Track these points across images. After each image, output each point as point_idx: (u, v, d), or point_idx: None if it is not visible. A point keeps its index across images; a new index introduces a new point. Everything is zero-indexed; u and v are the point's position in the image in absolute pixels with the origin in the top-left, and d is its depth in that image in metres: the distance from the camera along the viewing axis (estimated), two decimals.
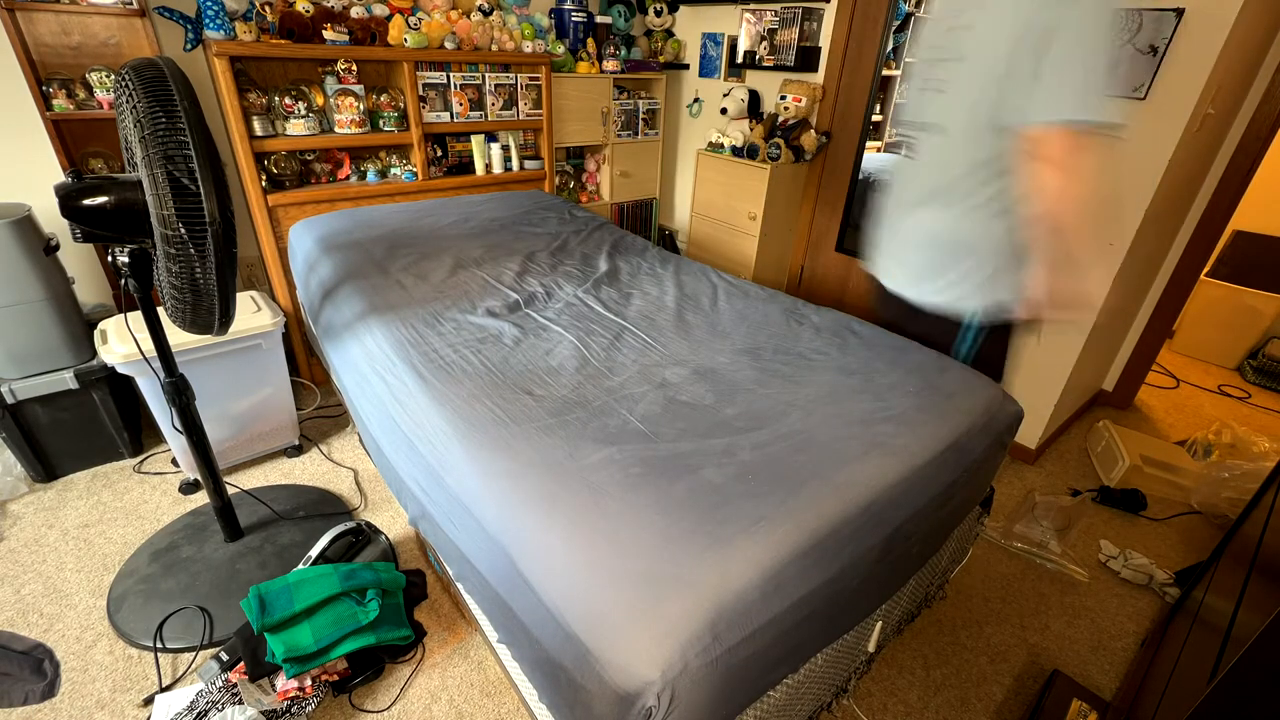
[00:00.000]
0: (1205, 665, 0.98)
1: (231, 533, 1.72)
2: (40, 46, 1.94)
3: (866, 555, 1.06)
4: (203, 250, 1.12)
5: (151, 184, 1.07)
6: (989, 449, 1.35)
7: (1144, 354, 2.65)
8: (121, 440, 2.05)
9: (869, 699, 1.45)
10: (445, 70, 2.46)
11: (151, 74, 1.08)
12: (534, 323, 1.67)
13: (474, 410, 1.25)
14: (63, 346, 1.86)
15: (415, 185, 2.53)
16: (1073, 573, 1.83)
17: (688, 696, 0.82)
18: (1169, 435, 2.61)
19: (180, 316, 1.25)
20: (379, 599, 1.41)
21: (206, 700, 1.28)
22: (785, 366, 1.47)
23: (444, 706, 1.39)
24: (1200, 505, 2.11)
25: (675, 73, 3.44)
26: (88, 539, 1.77)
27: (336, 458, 2.18)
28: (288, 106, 2.20)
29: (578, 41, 2.99)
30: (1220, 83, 1.76)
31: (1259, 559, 1.12)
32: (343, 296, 1.79)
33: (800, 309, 1.80)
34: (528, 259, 2.07)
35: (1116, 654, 1.60)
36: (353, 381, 1.59)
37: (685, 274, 2.04)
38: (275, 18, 2.10)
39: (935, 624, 1.65)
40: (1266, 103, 2.10)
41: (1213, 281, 3.18)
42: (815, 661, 1.11)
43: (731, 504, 1.01)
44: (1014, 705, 1.45)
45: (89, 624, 1.53)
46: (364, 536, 1.70)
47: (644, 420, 1.24)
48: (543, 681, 0.99)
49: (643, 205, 3.52)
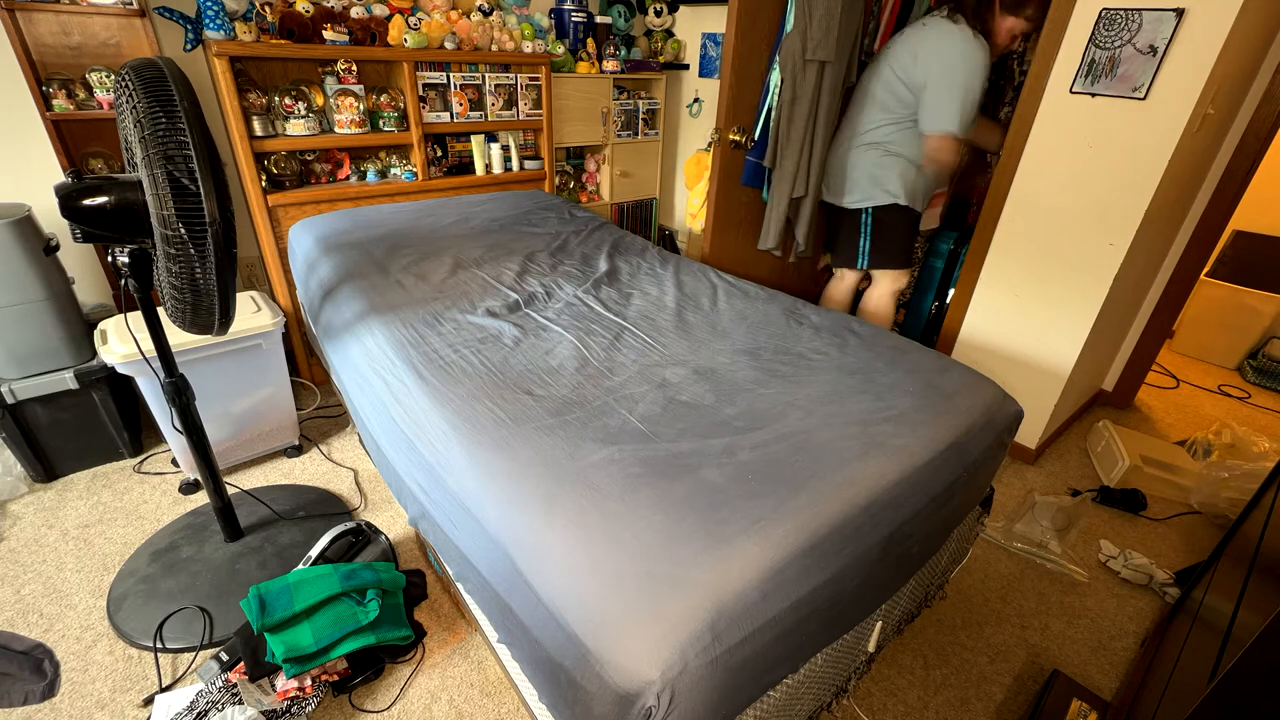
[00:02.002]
0: (1205, 665, 0.98)
1: (231, 533, 1.72)
2: (40, 46, 1.94)
3: (866, 555, 1.06)
4: (203, 250, 1.12)
5: (151, 184, 1.07)
6: (989, 449, 1.35)
7: (1144, 354, 2.65)
8: (121, 440, 2.05)
9: (869, 699, 1.45)
10: (445, 70, 2.46)
11: (151, 74, 1.08)
12: (534, 323, 1.67)
13: (474, 410, 1.25)
14: (63, 346, 1.86)
15: (415, 185, 2.53)
16: (1073, 573, 1.83)
17: (688, 696, 0.82)
18: (1169, 435, 2.61)
19: (180, 317, 1.25)
20: (379, 599, 1.41)
21: (206, 700, 1.28)
22: (785, 366, 1.47)
23: (444, 706, 1.39)
24: (1200, 505, 2.11)
25: (675, 73, 3.44)
26: (88, 539, 1.77)
27: (336, 458, 2.18)
28: (288, 106, 2.20)
29: (578, 41, 2.99)
30: (1220, 83, 1.76)
31: (1259, 559, 1.12)
32: (343, 296, 1.79)
33: (800, 309, 1.80)
34: (528, 259, 2.07)
35: (1116, 654, 1.60)
36: (353, 381, 1.59)
37: (685, 274, 2.04)
38: (275, 18, 2.10)
39: (935, 624, 1.65)
40: (1266, 103, 2.10)
41: (1213, 281, 3.18)
42: (815, 661, 1.11)
43: (731, 504, 1.01)
44: (1014, 705, 1.45)
45: (89, 624, 1.53)
46: (364, 537, 1.70)
47: (644, 420, 1.24)
48: (543, 681, 0.99)
49: (643, 205, 3.52)
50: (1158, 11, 1.67)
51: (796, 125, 2.26)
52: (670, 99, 3.50)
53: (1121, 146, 1.82)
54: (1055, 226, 2.02)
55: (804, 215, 2.47)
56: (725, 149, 2.37)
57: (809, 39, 2.12)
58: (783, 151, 2.32)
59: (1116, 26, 1.74)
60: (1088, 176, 1.91)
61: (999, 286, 2.22)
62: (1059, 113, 1.91)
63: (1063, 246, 2.02)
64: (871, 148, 2.24)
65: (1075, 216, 1.97)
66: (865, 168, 2.27)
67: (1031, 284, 2.13)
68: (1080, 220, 1.96)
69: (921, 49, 2.06)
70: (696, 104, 3.43)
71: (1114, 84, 1.78)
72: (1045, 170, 1.99)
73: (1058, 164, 1.96)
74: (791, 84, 2.20)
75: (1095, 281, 1.98)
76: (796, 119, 2.25)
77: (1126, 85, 1.77)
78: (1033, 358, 2.21)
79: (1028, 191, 2.05)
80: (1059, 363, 2.15)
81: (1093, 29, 1.78)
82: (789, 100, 2.23)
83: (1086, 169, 1.91)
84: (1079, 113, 1.87)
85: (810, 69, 2.17)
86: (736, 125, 2.35)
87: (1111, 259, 1.93)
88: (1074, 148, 1.91)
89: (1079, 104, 1.87)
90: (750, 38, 2.21)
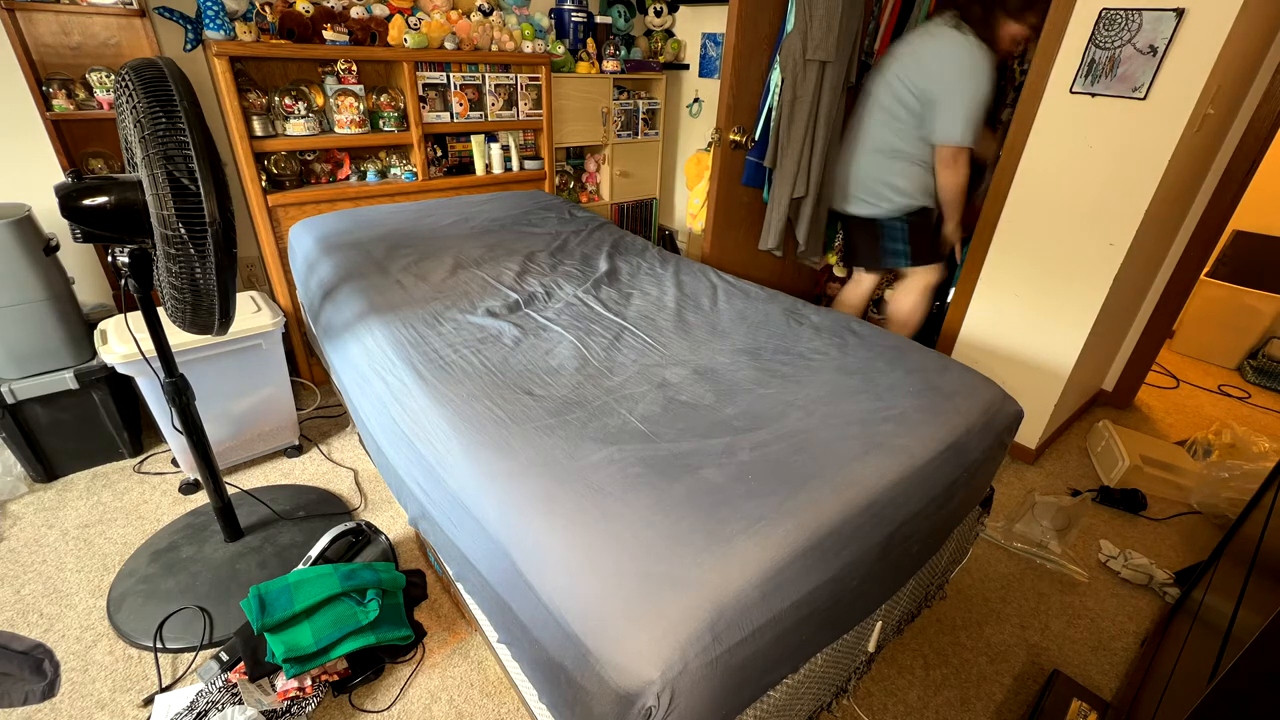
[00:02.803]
0: (1205, 665, 0.98)
1: (231, 533, 1.72)
2: (40, 46, 1.94)
3: (866, 555, 1.06)
4: (203, 250, 1.12)
5: (151, 184, 1.07)
6: (989, 449, 1.35)
7: (1144, 354, 2.65)
8: (121, 440, 2.05)
9: (869, 699, 1.45)
10: (445, 70, 2.46)
11: (151, 74, 1.08)
12: (534, 323, 1.67)
13: (474, 410, 1.25)
14: (63, 346, 1.86)
15: (415, 185, 2.53)
16: (1073, 573, 1.83)
17: (688, 696, 0.82)
18: (1169, 435, 2.61)
19: (180, 317, 1.25)
20: (379, 599, 1.41)
21: (206, 700, 1.28)
22: (785, 366, 1.47)
23: (444, 706, 1.39)
24: (1200, 505, 2.11)
25: (675, 73, 3.44)
26: (88, 539, 1.77)
27: (336, 458, 2.18)
28: (288, 106, 2.20)
29: (578, 41, 2.99)
30: (1220, 83, 1.76)
31: (1259, 559, 1.12)
32: (343, 296, 1.79)
33: (800, 309, 1.80)
34: (528, 259, 2.07)
35: (1116, 654, 1.60)
36: (353, 381, 1.59)
37: (685, 274, 2.04)
38: (275, 18, 2.10)
39: (935, 624, 1.65)
40: (1266, 103, 2.10)
41: (1213, 281, 3.18)
42: (815, 661, 1.11)
43: (731, 504, 1.01)
44: (1014, 705, 1.45)
45: (89, 624, 1.53)
46: (364, 537, 1.70)
47: (644, 420, 1.24)
48: (543, 681, 0.99)
49: (643, 205, 3.52)
50: (1158, 11, 1.67)
51: (797, 125, 2.26)
52: (670, 99, 3.50)
53: (1121, 146, 1.82)
54: (1055, 226, 2.02)
55: (805, 215, 2.47)
56: (725, 149, 2.37)
57: (810, 39, 2.12)
58: (783, 152, 2.32)
59: (1116, 26, 1.74)
60: (1088, 176, 1.91)
61: (999, 286, 2.22)
62: (1059, 113, 1.91)
63: (1063, 246, 2.02)
64: (892, 156, 2.20)
65: (1075, 216, 1.97)
66: (885, 177, 2.23)
67: (1031, 284, 2.13)
68: (1080, 220, 1.96)
69: (930, 60, 2.03)
70: (696, 104, 3.43)
71: (1114, 84, 1.78)
72: (1045, 170, 1.99)
73: (1058, 164, 1.96)
74: (792, 84, 2.20)
75: (1095, 281, 1.98)
76: (797, 119, 2.25)
77: (1126, 85, 1.77)
78: (1033, 358, 2.21)
79: (1028, 191, 2.05)
80: (1059, 363, 2.15)
81: (1093, 29, 1.78)
82: (789, 100, 2.23)
83: (1086, 169, 1.91)
84: (1079, 113, 1.87)
85: (811, 69, 2.17)
86: (736, 125, 2.35)
87: (1111, 259, 1.93)
88: (1074, 148, 1.91)
89: (1079, 104, 1.87)
90: (750, 38, 2.21)
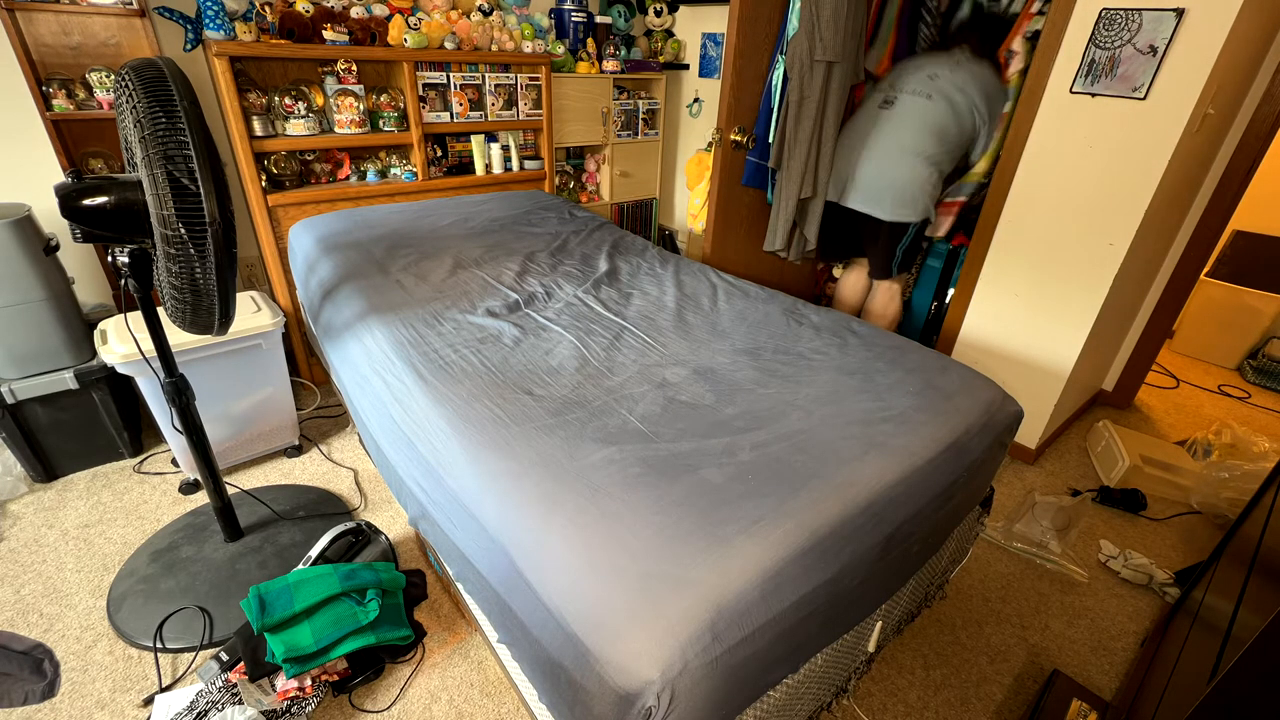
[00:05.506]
0: (1205, 665, 0.98)
1: (231, 533, 1.72)
2: (40, 46, 1.94)
3: (866, 555, 1.06)
4: (203, 250, 1.12)
5: (151, 184, 1.07)
6: (989, 449, 1.35)
7: (1144, 354, 2.65)
8: (121, 440, 2.05)
9: (869, 699, 1.45)
10: (445, 70, 2.46)
11: (151, 74, 1.08)
12: (534, 323, 1.67)
13: (474, 410, 1.25)
14: (63, 346, 1.86)
15: (415, 185, 2.53)
16: (1073, 573, 1.83)
17: (687, 696, 0.82)
18: (1169, 435, 2.61)
19: (180, 317, 1.25)
20: (379, 599, 1.41)
21: (206, 700, 1.28)
22: (785, 366, 1.47)
23: (444, 706, 1.39)
24: (1200, 505, 2.11)
25: (675, 73, 3.45)
26: (87, 539, 1.77)
27: (336, 458, 2.18)
28: (288, 106, 2.20)
29: (578, 41, 2.99)
30: (1220, 83, 1.76)
31: (1259, 559, 1.12)
32: (343, 296, 1.79)
33: (800, 309, 1.80)
34: (528, 259, 2.07)
35: (1116, 654, 1.60)
36: (353, 381, 1.59)
37: (685, 274, 2.04)
38: (275, 18, 2.10)
39: (935, 624, 1.65)
40: (1266, 103, 2.10)
41: (1213, 281, 3.18)
42: (815, 661, 1.11)
43: (731, 504, 1.01)
44: (1014, 705, 1.45)
45: (89, 624, 1.53)
46: (364, 536, 1.70)
47: (644, 420, 1.24)
48: (543, 681, 0.99)
49: (643, 205, 3.52)
50: (1158, 11, 1.67)
51: (804, 125, 2.26)
52: (670, 99, 3.50)
53: (1121, 146, 1.82)
54: (1055, 226, 2.02)
55: (812, 216, 2.47)
56: (726, 149, 2.37)
57: (817, 39, 2.12)
58: (790, 152, 2.32)
59: (1116, 26, 1.74)
60: (1088, 176, 1.91)
61: (999, 286, 2.22)
62: (1059, 113, 1.91)
63: (1063, 246, 2.02)
64: (930, 166, 2.29)
65: (1075, 216, 1.97)
66: (921, 184, 2.31)
67: (1031, 284, 2.13)
68: (1080, 220, 1.96)
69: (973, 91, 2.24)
70: (696, 104, 3.43)
71: (1114, 84, 1.78)
72: (1045, 170, 1.99)
73: (1058, 164, 1.96)
74: (799, 84, 2.20)
75: (1095, 281, 1.98)
76: (804, 119, 2.25)
77: (1126, 85, 1.77)
78: (1033, 358, 2.21)
79: (1028, 191, 2.05)
80: (1059, 363, 2.15)
81: (1093, 29, 1.78)
82: (796, 101, 2.23)
83: (1086, 169, 1.91)
84: (1079, 113, 1.87)
85: (818, 69, 2.17)
86: (737, 125, 2.35)
87: (1111, 259, 1.93)
88: (1074, 148, 1.91)
89: (1079, 104, 1.87)
90: (750, 38, 2.21)
